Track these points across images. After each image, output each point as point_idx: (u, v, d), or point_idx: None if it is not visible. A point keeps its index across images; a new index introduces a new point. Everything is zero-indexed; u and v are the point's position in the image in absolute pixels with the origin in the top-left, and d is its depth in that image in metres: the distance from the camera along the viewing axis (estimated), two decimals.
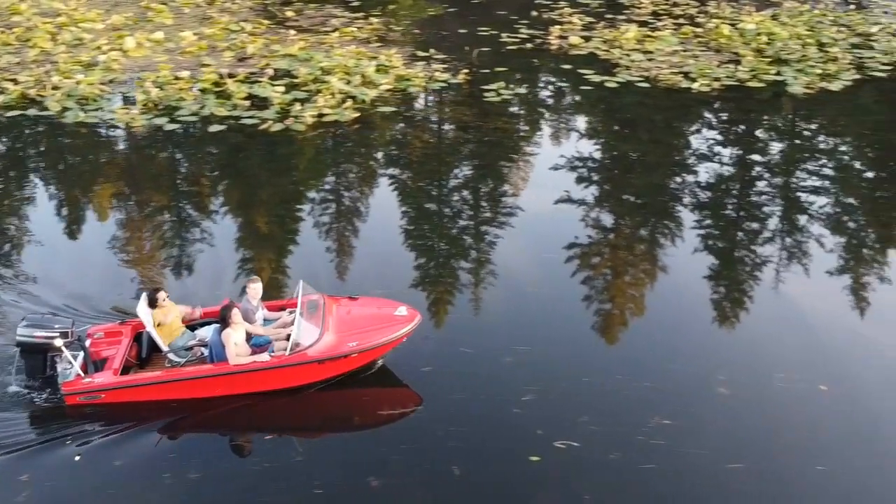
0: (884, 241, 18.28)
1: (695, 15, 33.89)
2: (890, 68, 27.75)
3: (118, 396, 12.60)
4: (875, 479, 11.30)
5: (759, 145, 23.12)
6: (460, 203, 19.68)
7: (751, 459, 11.54)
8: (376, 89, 25.04)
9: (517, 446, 11.81)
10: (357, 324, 13.18)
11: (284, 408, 12.87)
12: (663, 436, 11.90)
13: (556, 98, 27.23)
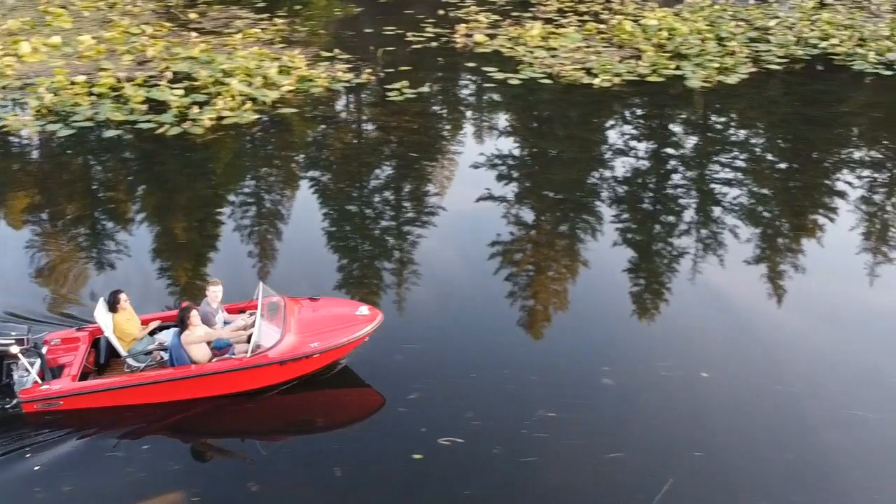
0: (797, 230, 18.63)
1: (599, 12, 34.39)
2: (785, 61, 28.45)
3: (77, 403, 12.40)
4: (750, 464, 11.59)
5: (672, 139, 23.66)
6: (381, 203, 19.76)
7: (630, 448, 11.79)
8: (278, 91, 24.86)
9: (399, 445, 11.82)
10: (318, 324, 13.10)
11: (246, 410, 12.72)
12: (547, 428, 12.06)
13: (463, 96, 27.47)
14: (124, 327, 12.98)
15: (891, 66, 27.89)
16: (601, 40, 30.36)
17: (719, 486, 11.20)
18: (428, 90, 25.63)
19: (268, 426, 12.70)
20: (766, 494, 11.02)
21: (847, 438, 11.99)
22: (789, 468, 11.46)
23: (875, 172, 21.43)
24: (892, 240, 18.07)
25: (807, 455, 11.73)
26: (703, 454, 11.66)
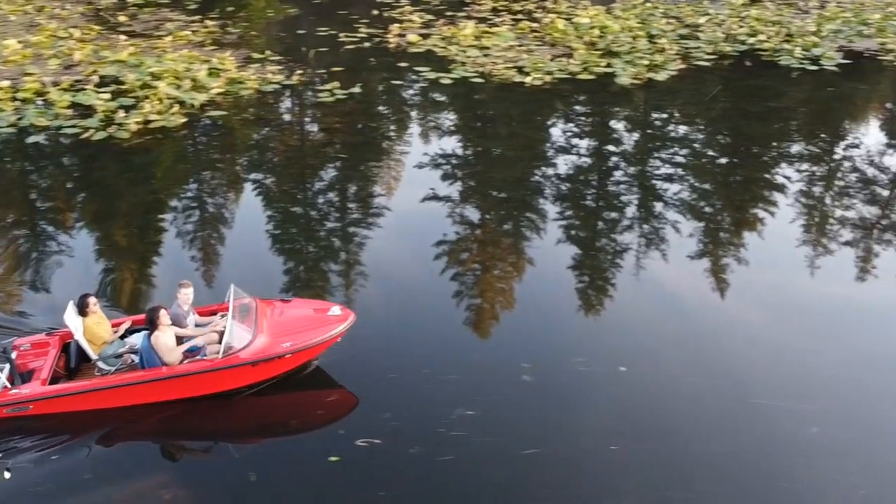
0: (738, 224, 18.78)
1: (533, 10, 34.54)
2: (714, 57, 28.82)
3: (47, 407, 12.24)
4: (664, 456, 11.62)
5: (613, 136, 23.72)
6: (326, 205, 19.50)
7: (546, 444, 11.78)
8: (206, 93, 24.60)
9: (317, 447, 11.78)
10: (290, 325, 13.04)
11: (219, 412, 12.63)
12: (464, 427, 12.03)
13: (399, 97, 27.12)
14: (94, 330, 12.87)
15: (816, 62, 28.40)
16: (534, 39, 30.48)
17: (634, 479, 11.20)
18: (359, 91, 25.47)
19: (240, 428, 12.60)
20: (682, 487, 11.07)
21: (766, 430, 12.05)
22: (703, 460, 11.52)
23: (813, 166, 21.80)
24: (831, 231, 18.31)
25: (721, 447, 11.75)
26: (619, 447, 11.70)
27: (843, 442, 11.91)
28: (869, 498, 11.03)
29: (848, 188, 20.55)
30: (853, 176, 21.26)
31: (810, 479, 11.30)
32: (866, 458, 11.69)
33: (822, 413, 12.45)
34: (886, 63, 28.83)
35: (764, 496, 11.02)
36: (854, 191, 20.37)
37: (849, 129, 25.00)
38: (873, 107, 27.05)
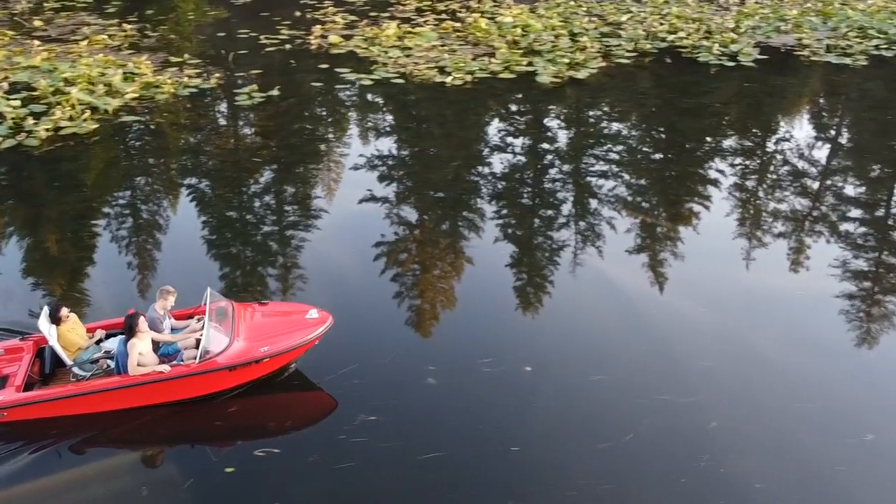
0: (674, 219, 18.87)
1: (457, 10, 34.53)
2: (634, 55, 29.08)
3: (22, 414, 12.01)
4: (566, 457, 11.55)
5: (547, 134, 23.65)
6: (262, 209, 19.08)
7: (446, 448, 11.58)
8: (121, 98, 24.18)
9: (214, 458, 11.56)
10: (268, 329, 12.90)
11: (197, 417, 12.45)
12: (365, 433, 11.86)
13: (323, 98, 26.76)
14: (69, 337, 12.71)
15: (734, 58, 28.81)
16: (457, 38, 30.44)
17: (534, 480, 11.09)
18: (277, 94, 25.18)
19: (218, 432, 12.35)
20: (576, 486, 10.96)
21: (661, 425, 12.03)
22: (602, 458, 11.43)
23: (745, 160, 22.03)
24: (765, 224, 18.51)
25: (619, 444, 11.68)
26: (520, 448, 11.60)
27: (764, 428, 12.05)
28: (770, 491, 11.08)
29: (779, 181, 20.86)
30: (784, 169, 21.58)
31: (718, 473, 11.28)
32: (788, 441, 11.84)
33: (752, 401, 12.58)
34: (803, 58, 29.34)
35: (669, 492, 10.98)
36: (785, 183, 20.68)
37: (777, 123, 25.35)
38: (798, 101, 27.49)
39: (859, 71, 28.23)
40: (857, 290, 15.95)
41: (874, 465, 11.42)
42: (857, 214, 18.99)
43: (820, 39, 31.15)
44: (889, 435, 11.92)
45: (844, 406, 12.59)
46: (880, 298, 15.84)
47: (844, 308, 15.27)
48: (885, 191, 20.34)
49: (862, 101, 27.20)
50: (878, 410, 12.49)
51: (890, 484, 11.12)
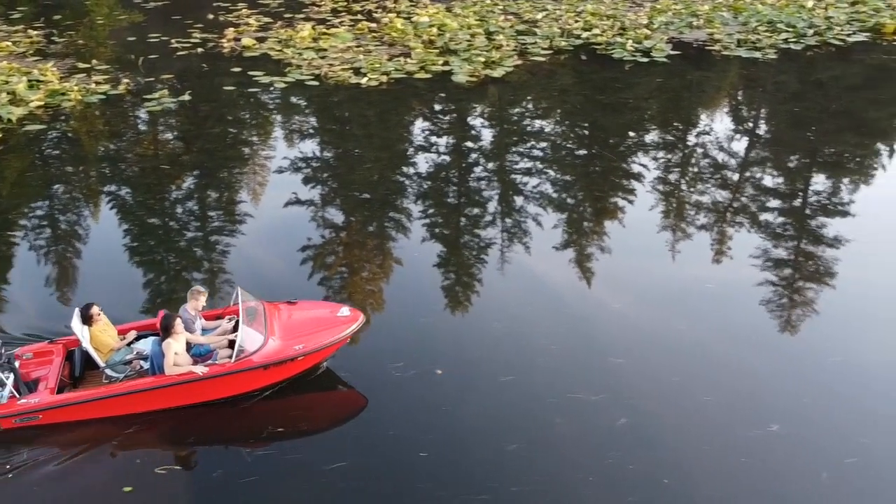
0: (601, 213, 18.90)
1: (373, 10, 34.20)
2: (550, 52, 29.13)
3: (57, 416, 11.89)
4: (475, 460, 11.41)
5: (471, 133, 23.51)
6: (186, 215, 18.56)
7: (354, 456, 11.42)
8: (25, 106, 23.26)
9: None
10: (301, 327, 12.86)
11: (230, 417, 12.31)
12: (272, 446, 11.72)
13: (246, 102, 25.98)
14: (101, 338, 12.60)
15: (647, 54, 29.06)
16: (372, 39, 30.11)
17: (443, 484, 10.95)
18: (188, 98, 24.48)
19: (251, 432, 12.16)
20: (486, 488, 10.85)
21: (571, 423, 12.02)
22: (511, 460, 11.35)
23: (667, 153, 22.24)
24: (688, 216, 18.64)
25: (528, 445, 11.62)
26: (429, 454, 11.40)
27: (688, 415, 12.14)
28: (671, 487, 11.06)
29: (700, 174, 21.09)
30: (704, 162, 21.84)
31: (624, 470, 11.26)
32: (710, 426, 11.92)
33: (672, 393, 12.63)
34: (715, 53, 29.75)
35: (578, 491, 10.91)
36: (706, 176, 20.92)
37: (696, 117, 25.68)
38: (715, 95, 27.87)
39: (769, 64, 28.73)
40: (778, 279, 16.16)
41: (776, 455, 11.47)
42: (775, 204, 19.26)
43: (731, 34, 31.64)
44: (793, 425, 12.01)
45: (753, 396, 12.69)
46: (800, 286, 16.05)
47: (765, 297, 15.48)
48: (802, 181, 20.67)
49: (776, 94, 27.70)
50: (787, 400, 12.61)
51: (791, 474, 11.17)
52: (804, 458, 11.43)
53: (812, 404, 12.46)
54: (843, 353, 13.71)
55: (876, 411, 12.35)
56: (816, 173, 21.16)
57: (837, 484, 10.97)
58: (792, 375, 13.18)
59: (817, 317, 14.95)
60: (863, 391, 12.77)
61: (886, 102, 26.63)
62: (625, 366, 13.23)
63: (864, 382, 12.98)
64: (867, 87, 27.61)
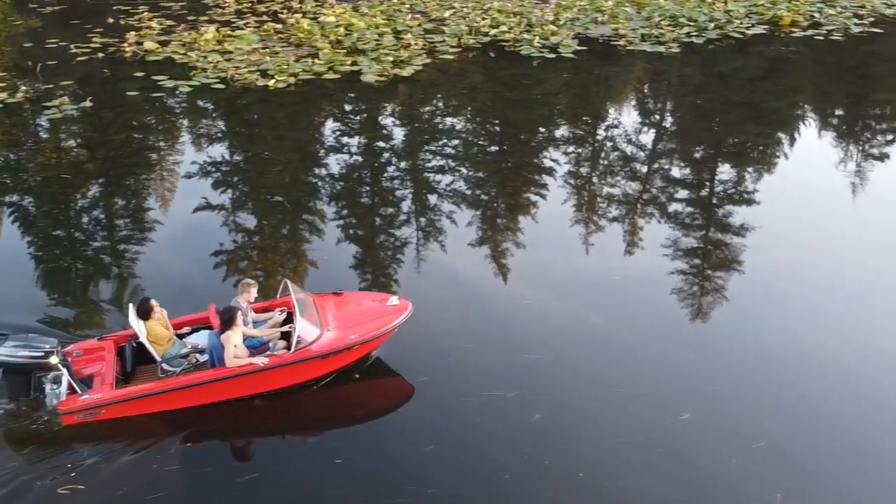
0: (514, 209, 18.98)
1: (279, 11, 33.79)
2: (459, 50, 29.19)
3: (118, 411, 11.98)
4: (391, 463, 11.37)
5: (382, 132, 23.36)
6: (92, 224, 17.99)
7: (263, 466, 11.42)
8: None
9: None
10: (354, 316, 13.12)
11: (282, 408, 12.49)
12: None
13: (151, 107, 25.30)
14: (158, 332, 12.72)
15: (554, 50, 29.34)
16: (279, 40, 29.72)
17: (360, 490, 10.93)
18: (89, 105, 23.81)
19: (306, 421, 12.53)
20: (404, 491, 10.84)
21: (487, 421, 12.09)
22: (428, 460, 11.39)
23: (578, 148, 22.49)
24: (600, 209, 18.89)
25: (446, 445, 11.62)
26: (344, 461, 11.37)
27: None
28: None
29: (610, 167, 21.41)
30: (614, 155, 22.19)
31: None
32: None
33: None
34: (620, 48, 30.19)
35: (494, 490, 10.94)
36: (616, 169, 21.24)
37: (604, 111, 26.08)
38: (622, 89, 28.35)
39: (673, 58, 29.28)
40: (688, 268, 16.48)
41: (689, 444, 11.68)
42: (683, 195, 19.65)
43: (635, 29, 32.15)
44: (704, 413, 12.26)
45: (665, 386, 12.88)
46: (709, 274, 16.39)
47: (677, 286, 15.76)
48: (708, 171, 21.13)
49: (681, 87, 28.30)
50: (698, 388, 12.88)
51: (702, 462, 11.39)
52: (715, 444, 11.63)
53: (721, 391, 12.72)
54: (750, 339, 14.04)
55: (781, 395, 12.67)
56: (721, 163, 21.65)
57: (746, 469, 11.20)
58: (702, 363, 13.48)
59: (727, 303, 15.29)
60: (769, 375, 13.10)
61: (785, 92, 27.43)
62: (540, 361, 13.29)
63: (770, 367, 13.32)
64: (767, 78, 28.37)
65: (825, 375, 13.13)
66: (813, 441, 11.77)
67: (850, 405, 12.48)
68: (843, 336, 14.16)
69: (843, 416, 12.23)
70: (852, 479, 11.14)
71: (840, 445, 11.69)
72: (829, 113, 26.83)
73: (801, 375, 13.13)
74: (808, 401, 12.56)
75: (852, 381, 13.01)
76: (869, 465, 11.40)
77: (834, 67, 29.82)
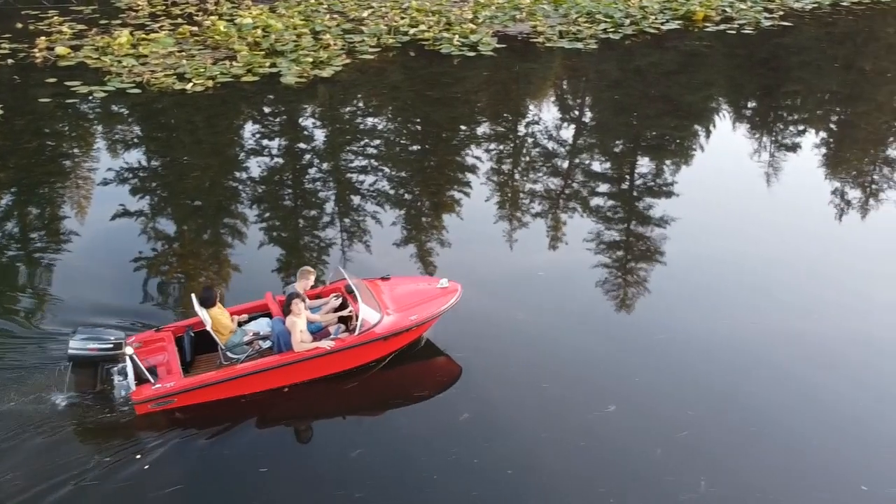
0: (438, 207, 19.00)
1: (194, 14, 33.22)
2: (378, 50, 29.09)
3: (190, 399, 12.28)
4: (311, 469, 11.48)
5: (303, 134, 23.20)
6: (4, 236, 17.48)
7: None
8: None
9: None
10: (408, 299, 13.59)
11: (338, 392, 12.81)
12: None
13: (59, 113, 24.59)
14: (221, 321, 13.00)
15: (474, 48, 29.43)
16: (195, 43, 29.19)
17: (288, 498, 10.98)
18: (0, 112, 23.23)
19: (366, 403, 12.83)
20: (331, 498, 10.92)
21: (413, 425, 12.27)
22: (355, 464, 11.46)
23: (500, 144, 22.66)
24: (523, 205, 19.07)
25: (373, 448, 11.75)
26: (269, 469, 11.33)
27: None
28: None
29: (533, 163, 21.60)
30: (535, 151, 22.41)
31: None
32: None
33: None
34: (539, 45, 30.41)
35: (420, 492, 11.04)
36: (538, 164, 21.44)
37: (525, 107, 26.30)
38: (542, 86, 28.59)
39: (591, 54, 29.62)
40: (611, 261, 16.74)
41: (614, 436, 11.90)
42: (605, 189, 19.93)
43: (553, 26, 32.40)
44: (628, 404, 12.51)
45: (590, 379, 13.18)
46: (632, 267, 16.67)
47: (600, 279, 16.02)
48: (628, 165, 21.44)
49: (599, 82, 28.67)
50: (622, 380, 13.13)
51: (628, 453, 11.61)
52: (640, 436, 11.87)
53: (645, 382, 13.02)
54: (672, 329, 14.35)
55: (701, 384, 13.03)
56: (641, 156, 22.02)
57: (671, 458, 11.47)
58: (627, 355, 13.75)
59: (649, 295, 15.58)
60: (690, 365, 13.45)
61: (700, 86, 27.98)
62: (465, 360, 13.47)
63: (691, 356, 13.66)
64: (682, 73, 28.90)
65: (743, 363, 13.54)
66: (733, 428, 12.10)
67: (768, 391, 12.83)
68: (760, 323, 14.56)
69: (761, 402, 12.58)
70: (772, 463, 11.46)
71: (759, 431, 12.04)
72: (742, 105, 27.47)
73: (721, 364, 13.49)
74: (727, 388, 12.90)
75: (769, 367, 13.41)
76: (787, 448, 11.76)
77: (746, 60, 30.49)
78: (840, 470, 11.38)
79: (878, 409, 12.50)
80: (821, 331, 14.41)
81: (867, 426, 12.14)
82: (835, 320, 14.75)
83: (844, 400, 12.67)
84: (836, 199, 19.71)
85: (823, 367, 13.42)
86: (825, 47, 31.92)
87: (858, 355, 13.74)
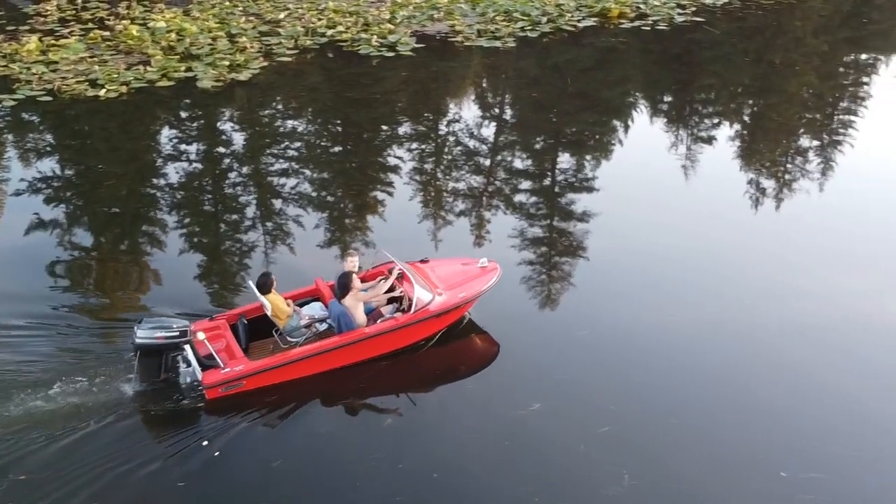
0: (360, 208, 18.95)
1: (105, 18, 32.48)
2: (296, 52, 28.84)
3: (259, 381, 12.64)
4: (231, 480, 11.36)
5: (221, 138, 22.81)
6: None
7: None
8: None
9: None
10: (453, 278, 14.06)
11: (387, 372, 13.24)
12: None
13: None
14: (279, 305, 13.37)
15: (393, 48, 29.37)
16: (107, 48, 28.51)
17: None
18: None
19: (413, 381, 13.23)
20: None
21: (337, 428, 12.38)
22: (278, 473, 11.41)
23: (421, 144, 22.66)
24: (447, 204, 19.10)
25: (295, 456, 11.72)
26: (187, 482, 11.23)
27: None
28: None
29: (455, 161, 21.65)
30: (457, 149, 22.44)
31: None
32: None
33: None
34: (458, 44, 30.49)
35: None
36: (460, 163, 21.50)
37: (445, 106, 26.37)
38: (462, 85, 28.67)
39: (509, 52, 29.81)
40: (535, 257, 16.89)
41: (539, 434, 12.03)
42: (527, 186, 20.09)
43: (471, 25, 32.49)
44: (552, 402, 12.66)
45: (514, 378, 13.35)
46: (556, 262, 16.83)
47: (525, 276, 16.13)
48: (549, 161, 21.63)
49: (518, 80, 28.87)
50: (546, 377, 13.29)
51: (553, 451, 11.78)
52: (564, 432, 12.03)
53: (568, 379, 13.21)
54: (593, 323, 14.58)
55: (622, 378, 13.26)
56: (561, 152, 22.23)
57: (594, 453, 11.65)
58: (549, 352, 13.93)
59: (572, 290, 15.74)
60: (611, 360, 13.71)
61: (616, 82, 28.38)
62: (389, 366, 13.46)
63: (611, 350, 13.91)
64: (599, 69, 29.27)
65: (663, 356, 13.78)
66: (654, 421, 12.32)
67: (687, 382, 13.10)
68: (681, 316, 14.87)
69: (681, 394, 12.85)
70: (693, 453, 11.74)
71: (679, 422, 12.31)
72: (658, 99, 27.93)
73: (641, 357, 13.73)
74: (648, 381, 13.12)
75: (689, 359, 13.66)
76: (708, 438, 12.03)
77: (661, 56, 31.02)
78: (759, 457, 11.66)
79: (794, 397, 12.83)
80: (739, 319, 14.76)
81: (784, 414, 12.50)
82: (753, 309, 15.08)
83: (763, 389, 12.98)
84: (752, 189, 20.18)
85: (742, 356, 13.74)
86: (736, 42, 32.62)
87: (776, 343, 14.08)
